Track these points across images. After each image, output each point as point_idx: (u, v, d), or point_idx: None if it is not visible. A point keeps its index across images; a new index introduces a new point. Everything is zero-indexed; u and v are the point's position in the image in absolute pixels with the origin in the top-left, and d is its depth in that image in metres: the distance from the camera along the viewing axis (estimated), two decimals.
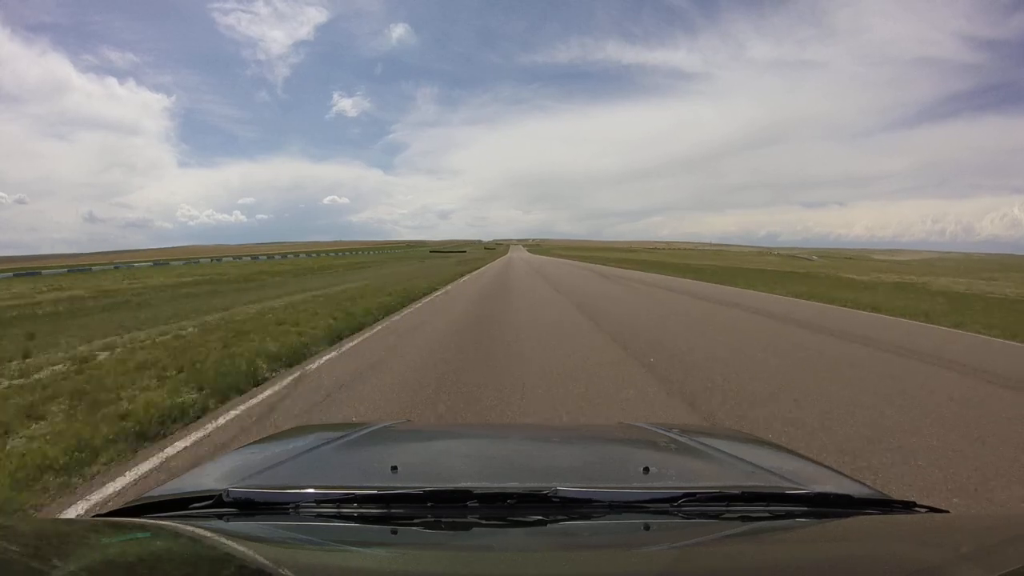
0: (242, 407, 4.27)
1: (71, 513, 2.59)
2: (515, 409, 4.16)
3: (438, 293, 15.09)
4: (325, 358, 6.15)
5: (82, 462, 3.06)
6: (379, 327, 8.65)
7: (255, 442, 1.44)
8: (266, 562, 0.74)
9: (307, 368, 5.65)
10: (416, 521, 0.84)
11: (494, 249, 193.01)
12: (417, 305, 12.04)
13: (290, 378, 5.18)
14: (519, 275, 24.58)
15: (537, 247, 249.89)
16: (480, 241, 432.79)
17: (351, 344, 7.09)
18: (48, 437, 3.40)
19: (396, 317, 9.93)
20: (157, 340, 7.27)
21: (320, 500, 0.88)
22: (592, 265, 39.67)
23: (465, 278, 22.34)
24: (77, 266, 53.28)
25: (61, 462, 3.00)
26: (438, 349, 6.56)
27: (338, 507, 0.86)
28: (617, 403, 4.32)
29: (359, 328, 8.40)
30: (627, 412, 4.06)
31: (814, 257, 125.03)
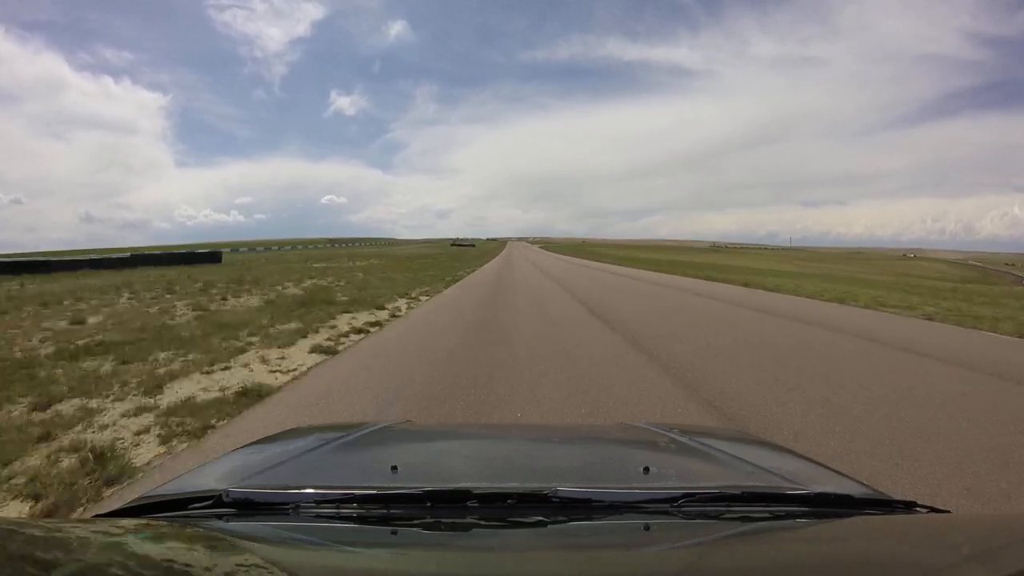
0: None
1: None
2: None
3: None
4: None
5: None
6: None
7: (255, 442, 1.44)
8: (266, 562, 0.74)
9: None
10: (416, 521, 0.84)
11: (471, 247, 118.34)
12: None
13: None
14: None
15: (553, 245, 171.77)
16: (477, 240, 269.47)
17: None
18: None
19: None
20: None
21: (320, 500, 0.88)
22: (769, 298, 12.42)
23: None
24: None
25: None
26: None
27: (338, 507, 0.86)
28: None
29: None
30: None
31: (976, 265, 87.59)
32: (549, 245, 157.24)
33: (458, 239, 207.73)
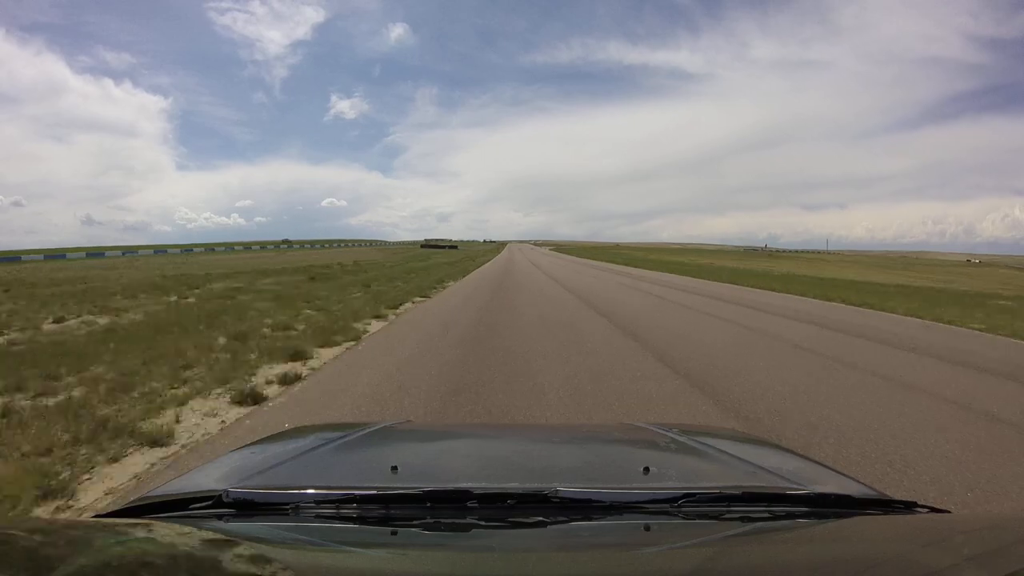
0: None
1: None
2: None
3: None
4: None
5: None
6: None
7: (255, 442, 1.44)
8: (266, 562, 0.74)
9: None
10: (416, 522, 0.84)
11: (453, 248, 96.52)
12: None
13: None
14: None
15: (568, 247, 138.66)
16: (474, 243, 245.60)
17: None
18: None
19: None
20: None
21: (320, 500, 0.88)
22: None
23: None
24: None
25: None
26: None
27: (337, 507, 0.86)
28: None
29: None
30: None
31: None
32: (562, 247, 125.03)
33: (432, 239, 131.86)
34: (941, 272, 54.86)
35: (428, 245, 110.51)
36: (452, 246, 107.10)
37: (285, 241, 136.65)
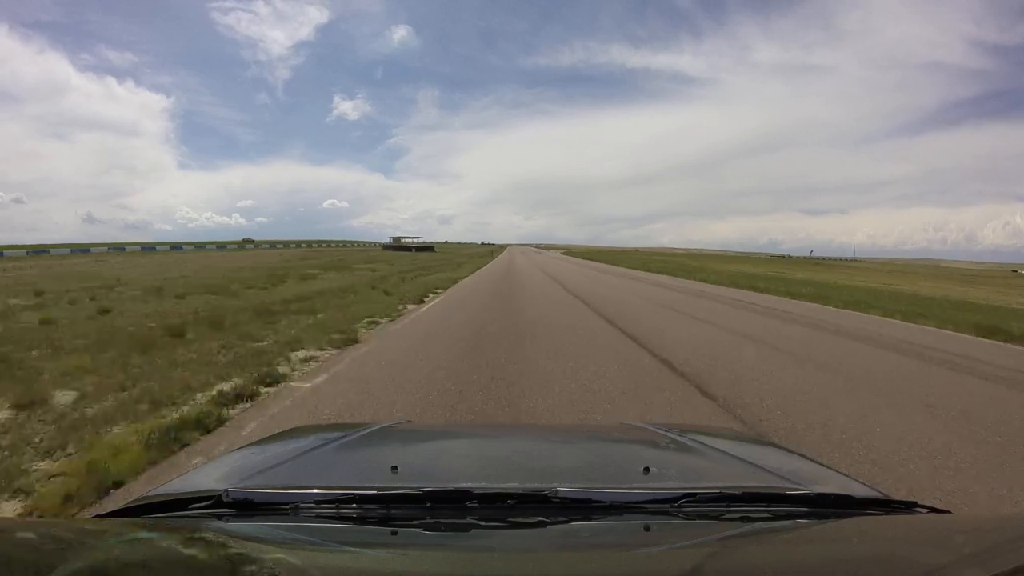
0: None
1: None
2: None
3: None
4: None
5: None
6: None
7: (255, 442, 1.44)
8: (265, 562, 0.74)
9: None
10: (416, 522, 0.84)
11: (430, 249, 78.14)
12: None
13: None
14: None
15: (579, 251, 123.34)
16: (470, 245, 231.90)
17: None
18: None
19: None
20: None
21: (320, 500, 0.88)
22: None
23: None
24: None
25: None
26: None
27: (337, 508, 0.86)
28: None
29: None
30: None
31: None
32: (572, 251, 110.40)
33: (399, 237, 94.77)
34: (1013, 286, 43.36)
35: (393, 247, 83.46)
36: (426, 247, 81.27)
37: (247, 240, 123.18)
